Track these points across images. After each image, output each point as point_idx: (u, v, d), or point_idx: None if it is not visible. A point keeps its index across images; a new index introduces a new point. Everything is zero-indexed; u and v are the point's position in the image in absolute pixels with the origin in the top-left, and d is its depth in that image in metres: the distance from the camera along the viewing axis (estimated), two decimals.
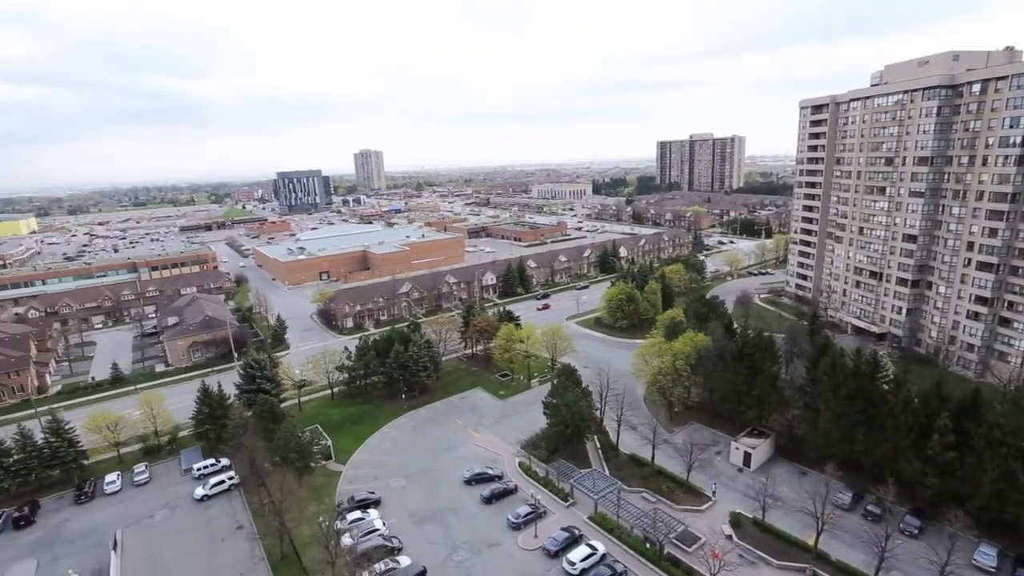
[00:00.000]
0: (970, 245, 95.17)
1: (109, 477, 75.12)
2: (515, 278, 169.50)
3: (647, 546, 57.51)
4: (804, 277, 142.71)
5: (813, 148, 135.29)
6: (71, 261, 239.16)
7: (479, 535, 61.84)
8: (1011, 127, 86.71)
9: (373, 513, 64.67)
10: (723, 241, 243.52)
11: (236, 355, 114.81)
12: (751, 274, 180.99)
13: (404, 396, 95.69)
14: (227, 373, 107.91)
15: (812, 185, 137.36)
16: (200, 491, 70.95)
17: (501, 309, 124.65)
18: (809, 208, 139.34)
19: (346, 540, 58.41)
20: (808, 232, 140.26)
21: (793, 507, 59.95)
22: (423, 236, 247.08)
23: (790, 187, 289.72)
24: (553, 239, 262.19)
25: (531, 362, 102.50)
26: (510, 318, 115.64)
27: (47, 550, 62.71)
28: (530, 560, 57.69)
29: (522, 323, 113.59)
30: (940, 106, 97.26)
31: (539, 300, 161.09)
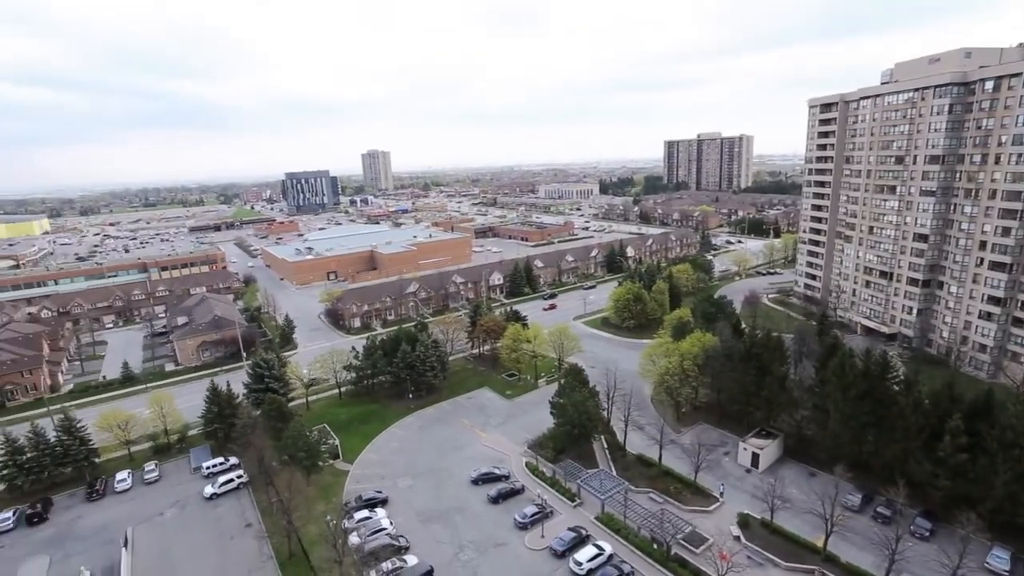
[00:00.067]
0: (983, 244, 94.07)
1: (120, 475, 75.95)
2: (522, 278, 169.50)
3: (654, 547, 57.32)
4: (813, 277, 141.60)
5: (822, 147, 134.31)
6: (83, 261, 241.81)
7: (486, 535, 61.89)
8: None
9: (380, 512, 64.91)
10: (731, 241, 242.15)
11: (245, 355, 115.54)
12: (759, 274, 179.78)
13: (411, 396, 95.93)
14: (236, 372, 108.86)
15: (821, 184, 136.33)
16: (209, 489, 71.52)
17: (508, 309, 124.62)
18: (818, 207, 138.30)
19: (353, 539, 58.60)
20: (817, 231, 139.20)
21: (802, 508, 59.43)
22: (430, 236, 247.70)
23: (799, 186, 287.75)
24: (560, 239, 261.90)
25: (538, 362, 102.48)
26: (517, 318, 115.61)
27: (59, 547, 63.51)
28: (537, 560, 57.68)
29: (529, 323, 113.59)
30: (952, 104, 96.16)
31: (546, 300, 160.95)
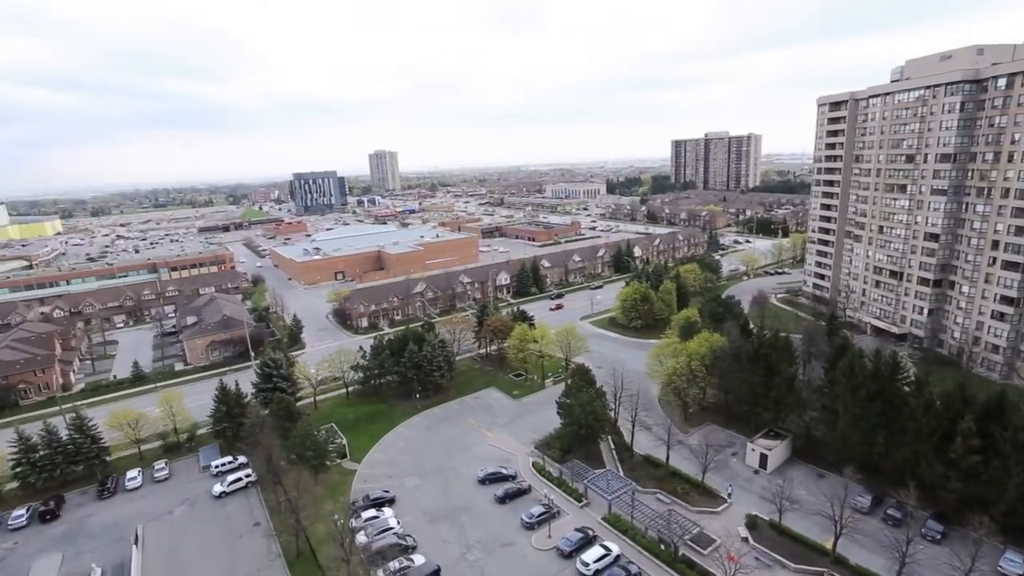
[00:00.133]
0: (995, 244, 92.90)
1: (130, 473, 76.74)
2: (529, 278, 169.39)
3: (662, 548, 57.12)
4: (822, 277, 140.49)
5: (831, 146, 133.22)
6: (94, 262, 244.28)
7: (493, 535, 61.93)
8: None
9: (388, 512, 65.10)
10: (739, 240, 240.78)
11: (253, 354, 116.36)
12: (767, 274, 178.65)
13: (418, 395, 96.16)
14: (244, 372, 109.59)
15: (830, 183, 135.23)
16: (218, 488, 72.03)
17: (515, 309, 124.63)
18: (827, 207, 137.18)
19: (361, 538, 58.88)
20: (826, 231, 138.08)
21: (810, 510, 59.02)
22: (437, 236, 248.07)
23: (807, 185, 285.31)
24: (567, 239, 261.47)
25: (545, 362, 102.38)
26: (524, 318, 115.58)
27: (71, 544, 64.23)
28: (544, 560, 57.64)
29: (536, 323, 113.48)
30: (964, 101, 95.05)
31: (553, 300, 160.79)
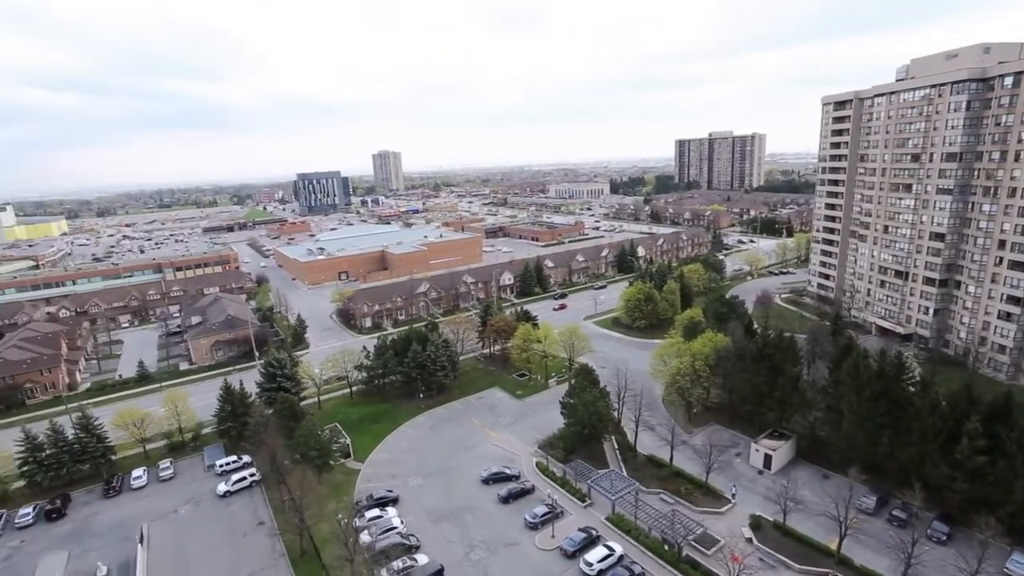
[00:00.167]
0: (1001, 243, 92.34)
1: (136, 472, 77.14)
2: (532, 278, 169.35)
3: (665, 548, 57.01)
4: (826, 276, 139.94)
5: (836, 145, 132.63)
6: (99, 262, 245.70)
7: (496, 534, 61.95)
8: None
9: (391, 511, 65.18)
10: (743, 240, 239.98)
11: (257, 354, 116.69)
12: (772, 273, 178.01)
13: (422, 395, 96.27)
14: (249, 371, 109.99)
15: (835, 183, 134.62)
16: (223, 487, 72.27)
17: (519, 309, 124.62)
18: (832, 206, 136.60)
19: (364, 537, 58.93)
20: (831, 231, 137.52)
21: (815, 511, 58.82)
22: (441, 236, 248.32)
23: (812, 185, 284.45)
24: (571, 239, 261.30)
25: (548, 362, 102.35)
26: (527, 318, 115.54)
27: (77, 542, 64.58)
28: (547, 560, 57.62)
29: (539, 323, 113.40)
30: (970, 100, 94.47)
31: (556, 300, 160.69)
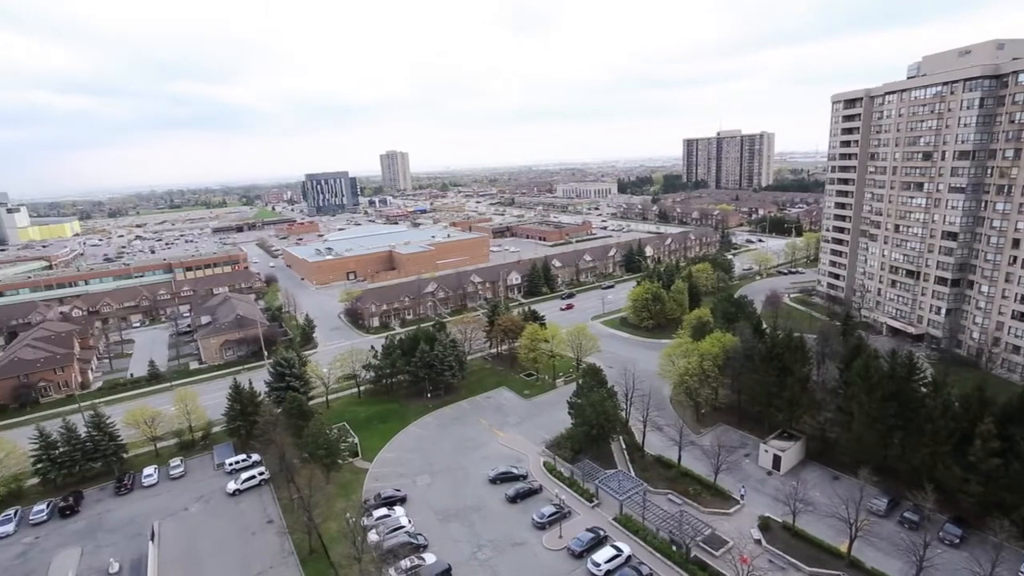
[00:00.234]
0: (1016, 242, 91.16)
1: (147, 470, 77.94)
2: (540, 277, 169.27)
3: (673, 549, 56.76)
4: (836, 276, 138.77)
5: (846, 143, 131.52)
6: (111, 262, 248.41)
7: (504, 534, 61.98)
8: None
9: (399, 510, 65.39)
10: (752, 240, 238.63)
11: (266, 353, 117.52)
12: (781, 273, 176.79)
13: (429, 395, 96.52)
14: (258, 371, 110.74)
15: (845, 182, 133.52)
16: (232, 485, 72.85)
17: (526, 309, 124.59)
18: (842, 205, 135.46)
19: (372, 536, 59.25)
20: (841, 230, 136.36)
21: (825, 512, 58.31)
22: (448, 236, 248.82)
23: (821, 184, 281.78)
24: (578, 238, 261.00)
25: (556, 362, 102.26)
26: (535, 317, 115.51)
27: (90, 539, 65.36)
28: (555, 560, 57.56)
29: (547, 322, 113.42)
30: (983, 97, 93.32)
31: (564, 300, 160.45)
